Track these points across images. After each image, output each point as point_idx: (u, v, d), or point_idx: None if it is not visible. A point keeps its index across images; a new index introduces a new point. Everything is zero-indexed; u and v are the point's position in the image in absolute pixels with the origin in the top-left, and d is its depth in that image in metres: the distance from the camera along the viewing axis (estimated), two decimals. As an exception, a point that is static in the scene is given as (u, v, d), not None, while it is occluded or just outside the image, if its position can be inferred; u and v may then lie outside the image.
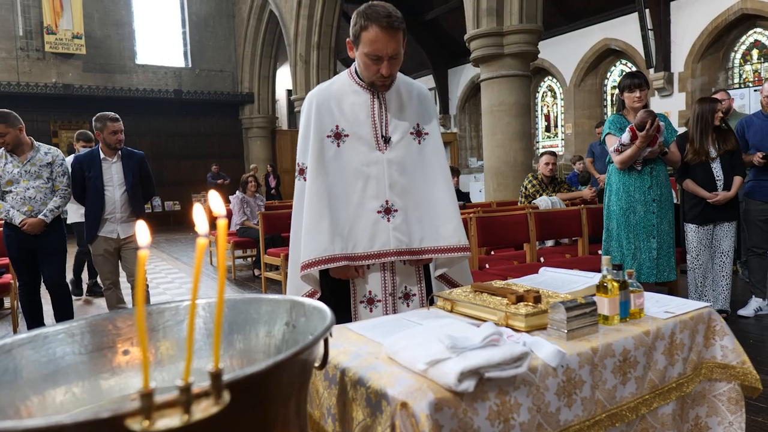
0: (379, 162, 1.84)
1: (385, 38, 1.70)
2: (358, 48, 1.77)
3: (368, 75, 1.79)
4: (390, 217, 1.84)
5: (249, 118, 15.83)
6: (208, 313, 1.17)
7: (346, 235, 1.81)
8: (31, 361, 0.98)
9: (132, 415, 0.58)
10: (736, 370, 1.58)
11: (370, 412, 1.13)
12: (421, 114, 1.93)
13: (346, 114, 1.85)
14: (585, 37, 11.12)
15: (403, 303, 1.92)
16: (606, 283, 1.49)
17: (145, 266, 2.44)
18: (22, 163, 3.68)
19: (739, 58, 9.45)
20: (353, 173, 1.83)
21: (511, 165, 6.96)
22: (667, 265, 3.49)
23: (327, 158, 1.82)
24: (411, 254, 1.87)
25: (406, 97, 1.91)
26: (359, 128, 1.84)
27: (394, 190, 1.84)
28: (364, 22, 1.71)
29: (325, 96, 1.86)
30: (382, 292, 1.89)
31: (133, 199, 3.91)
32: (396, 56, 1.75)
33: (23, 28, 13.06)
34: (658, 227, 3.47)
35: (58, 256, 3.85)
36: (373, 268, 1.87)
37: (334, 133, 1.84)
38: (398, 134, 1.87)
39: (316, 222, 1.78)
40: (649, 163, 3.47)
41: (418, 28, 13.42)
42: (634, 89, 3.45)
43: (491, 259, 4.56)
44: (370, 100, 1.86)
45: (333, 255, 1.78)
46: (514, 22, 6.70)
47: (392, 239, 1.83)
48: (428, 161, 1.91)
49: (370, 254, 1.83)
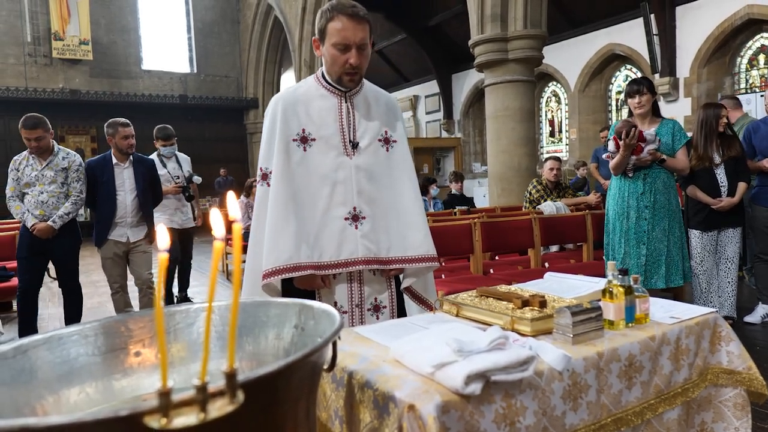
0: (347, 167, 1.78)
1: (352, 26, 1.69)
2: (324, 43, 1.74)
3: (336, 69, 1.74)
4: (358, 224, 1.77)
5: (253, 123, 15.90)
6: (218, 315, 1.18)
7: (312, 243, 1.74)
8: (47, 362, 1.01)
9: (150, 413, 0.60)
10: (742, 376, 1.58)
11: (378, 414, 1.14)
12: (389, 121, 1.89)
13: (313, 118, 1.79)
14: (589, 43, 11.13)
15: (373, 315, 1.84)
16: (611, 288, 1.50)
17: (152, 269, 2.47)
18: (41, 167, 3.74)
19: (746, 63, 9.43)
20: (320, 179, 1.77)
21: (516, 170, 6.96)
22: (654, 273, 3.46)
23: (293, 163, 1.76)
24: (379, 263, 1.80)
25: (374, 103, 1.87)
26: (327, 132, 1.79)
27: (362, 196, 1.78)
28: (330, 15, 1.70)
29: (291, 99, 1.81)
30: (348, 302, 1.81)
31: (143, 203, 3.98)
32: (364, 47, 1.73)
33: (31, 35, 13.20)
34: (649, 234, 3.46)
35: (72, 260, 3.90)
36: (340, 278, 1.80)
37: (301, 137, 1.78)
38: (366, 140, 1.82)
39: (281, 228, 1.70)
40: (643, 170, 3.48)
41: (422, 33, 13.45)
42: (634, 95, 3.50)
43: (496, 264, 4.56)
44: (338, 105, 1.81)
45: (299, 263, 1.69)
46: (519, 28, 6.72)
47: (360, 247, 1.76)
48: (396, 169, 1.86)
49: (337, 263, 1.75)
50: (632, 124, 3.40)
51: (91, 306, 5.62)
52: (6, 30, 13.07)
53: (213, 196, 14.73)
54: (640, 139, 3.36)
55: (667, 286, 3.52)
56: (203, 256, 9.07)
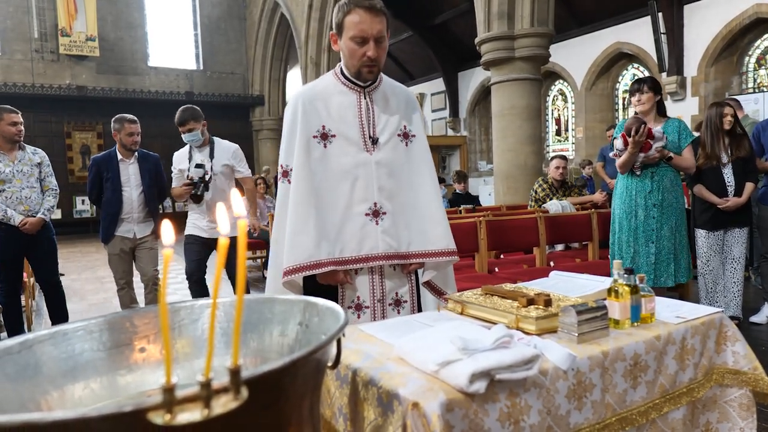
0: (368, 163, 1.79)
1: (369, 18, 1.70)
2: (342, 36, 1.75)
3: (354, 62, 1.75)
4: (378, 220, 1.79)
5: (259, 120, 15.93)
6: (222, 312, 1.19)
7: (333, 239, 1.76)
8: (51, 357, 1.01)
9: (154, 408, 0.60)
10: (748, 376, 1.57)
11: (382, 412, 1.14)
12: (408, 116, 1.90)
13: (332, 114, 1.80)
14: (596, 41, 11.07)
15: (393, 310, 1.86)
16: (617, 287, 1.49)
17: (158, 266, 2.48)
18: (13, 162, 3.72)
19: (754, 63, 9.36)
20: (340, 175, 1.78)
21: (522, 169, 6.94)
22: (665, 271, 3.47)
23: (313, 159, 1.77)
24: (399, 258, 1.82)
25: (393, 99, 1.88)
26: (346, 129, 1.80)
27: (383, 192, 1.80)
28: (347, 8, 1.71)
29: (310, 96, 1.81)
30: (370, 298, 1.83)
31: (149, 199, 3.98)
32: (381, 40, 1.74)
33: (38, 31, 13.25)
34: (658, 232, 3.46)
35: (52, 254, 3.92)
36: (362, 272, 1.82)
37: (321, 134, 1.79)
38: (386, 135, 1.83)
39: (302, 226, 1.72)
40: (651, 168, 3.48)
41: (428, 31, 13.43)
42: (635, 93, 3.53)
43: (501, 263, 4.55)
44: (357, 101, 1.82)
45: (319, 260, 1.72)
46: (526, 26, 6.69)
47: (381, 242, 1.78)
48: (415, 164, 1.87)
49: (358, 258, 1.78)
50: (642, 121, 3.38)
51: (97, 302, 5.65)
52: (13, 26, 13.13)
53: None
54: (649, 136, 3.36)
55: (676, 283, 3.51)
56: (208, 252, 9.08)
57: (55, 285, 3.96)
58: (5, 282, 3.80)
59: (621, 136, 3.44)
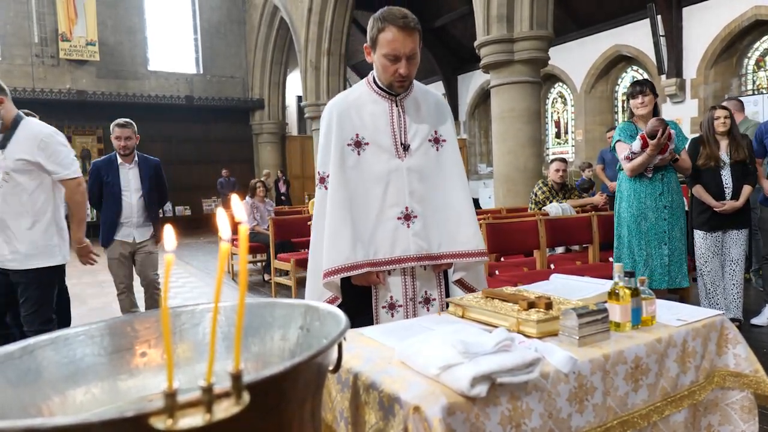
0: (399, 169, 1.87)
1: (402, 37, 1.76)
2: (376, 51, 1.82)
3: (386, 77, 1.83)
4: (410, 224, 1.87)
5: (259, 123, 15.94)
6: (223, 316, 1.18)
7: (367, 242, 1.85)
8: (53, 362, 1.01)
9: (156, 414, 0.60)
10: (749, 379, 1.57)
11: (383, 416, 1.14)
12: (438, 121, 1.97)
13: (366, 122, 1.88)
14: (596, 44, 11.10)
15: (423, 307, 1.95)
16: (618, 290, 1.49)
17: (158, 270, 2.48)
18: None
19: (753, 65, 9.38)
20: (373, 181, 1.86)
21: (522, 171, 6.94)
22: (678, 272, 3.51)
23: (348, 167, 1.86)
24: (430, 259, 1.90)
25: (424, 104, 1.95)
26: (379, 136, 1.88)
27: (414, 196, 1.88)
28: (381, 25, 1.77)
29: (344, 105, 1.90)
30: (403, 297, 1.92)
31: (149, 204, 3.96)
32: (413, 56, 1.81)
33: (38, 35, 13.28)
34: (670, 234, 3.48)
35: None
36: (394, 273, 1.90)
37: (354, 142, 1.88)
38: (417, 141, 1.91)
39: (338, 230, 1.82)
40: (660, 170, 3.49)
41: (427, 34, 13.45)
42: (637, 96, 3.53)
43: (501, 266, 4.55)
44: (389, 109, 1.90)
45: (355, 262, 1.81)
46: (525, 29, 6.71)
47: (412, 245, 1.87)
48: (446, 167, 1.95)
49: (391, 260, 1.87)
50: (665, 122, 3.36)
51: (97, 306, 5.65)
52: (13, 31, 13.16)
53: (216, 196, 14.80)
54: (669, 139, 3.36)
55: (680, 285, 3.54)
56: (209, 256, 9.10)
57: (61, 291, 3.95)
58: None
59: (640, 138, 3.39)
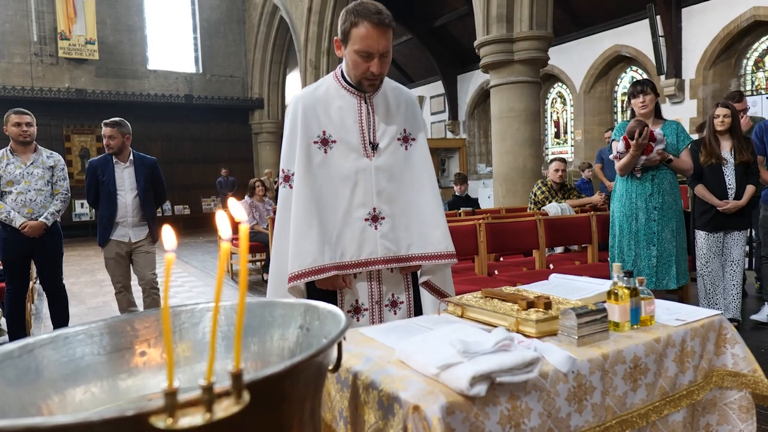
0: (367, 169, 1.80)
1: (376, 34, 1.68)
2: (347, 46, 1.73)
3: (357, 74, 1.75)
4: (377, 225, 1.81)
5: (258, 123, 15.94)
6: (223, 316, 1.19)
7: (334, 244, 1.78)
8: (52, 361, 1.01)
9: (156, 412, 0.60)
10: (747, 379, 1.57)
11: (382, 415, 1.14)
12: (409, 119, 1.90)
13: (333, 119, 1.80)
14: (595, 44, 11.10)
15: (390, 311, 1.89)
16: (617, 290, 1.50)
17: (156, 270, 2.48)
18: (25, 165, 3.71)
19: (752, 65, 9.39)
20: (340, 180, 1.79)
21: (521, 171, 6.95)
22: (666, 274, 3.48)
23: (314, 165, 1.79)
24: (398, 261, 1.84)
25: (394, 102, 1.88)
26: (347, 134, 1.80)
27: (382, 197, 1.81)
28: (355, 19, 1.69)
29: (311, 100, 1.82)
30: (368, 300, 1.86)
31: (144, 203, 3.94)
32: (386, 54, 1.73)
33: (37, 34, 13.27)
34: (659, 235, 3.47)
35: (57, 259, 3.90)
36: (360, 276, 1.85)
37: (321, 139, 1.80)
38: (386, 140, 1.84)
39: (305, 231, 1.74)
40: (651, 171, 3.48)
41: (427, 34, 13.45)
42: (638, 95, 3.52)
43: (500, 266, 4.55)
44: (357, 105, 1.82)
45: (323, 265, 1.74)
46: (524, 29, 6.71)
47: (380, 247, 1.81)
48: (415, 167, 1.88)
49: (357, 262, 1.80)
50: (644, 123, 3.38)
51: (96, 305, 5.65)
52: (12, 29, 13.15)
53: (216, 196, 14.79)
54: (651, 139, 3.36)
55: (678, 285, 3.52)
56: (208, 256, 9.10)
57: (58, 289, 3.95)
58: (10, 285, 3.78)
59: (623, 139, 3.43)
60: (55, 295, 3.94)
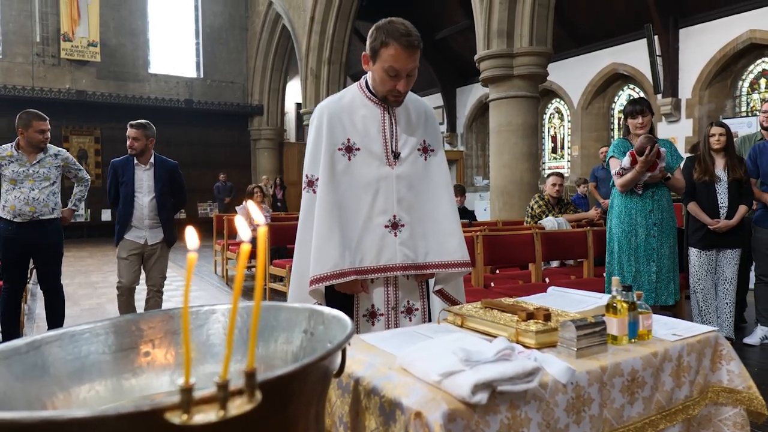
0: (389, 177, 1.86)
1: (405, 56, 1.75)
2: (375, 62, 1.79)
3: (383, 90, 1.82)
4: (397, 232, 1.86)
5: (258, 129, 15.98)
6: (227, 318, 1.20)
7: (354, 249, 1.83)
8: (58, 358, 1.02)
9: (172, 408, 0.61)
10: (742, 395, 1.59)
11: (384, 421, 1.15)
12: (429, 132, 1.97)
13: (357, 127, 1.87)
14: (593, 61, 11.22)
15: (406, 317, 1.93)
16: (615, 303, 1.51)
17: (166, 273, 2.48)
18: (30, 164, 3.71)
19: (747, 87, 9.52)
20: (363, 187, 1.85)
21: (518, 185, 6.99)
22: (665, 289, 3.50)
23: (338, 171, 1.84)
24: (416, 269, 1.89)
25: (415, 114, 1.95)
26: (370, 143, 1.86)
27: (402, 205, 1.87)
28: (385, 39, 1.74)
29: (336, 109, 1.88)
30: (384, 306, 1.90)
31: (161, 206, 3.91)
32: (412, 74, 1.81)
33: (40, 35, 13.31)
34: (659, 251, 3.49)
35: (57, 259, 3.89)
36: (377, 282, 1.89)
37: (345, 147, 1.86)
38: (407, 150, 1.90)
39: (327, 236, 1.79)
40: (651, 188, 3.51)
41: (428, 46, 13.54)
42: (637, 115, 3.53)
43: (496, 278, 4.57)
44: (380, 115, 1.89)
45: (343, 270, 1.78)
46: (524, 45, 6.79)
47: (398, 254, 1.85)
48: (433, 177, 1.94)
49: (376, 268, 1.85)
50: (654, 140, 3.38)
51: (89, 307, 5.62)
52: (16, 29, 13.18)
53: (212, 201, 14.77)
54: (658, 156, 3.38)
55: (675, 301, 3.55)
56: (203, 260, 9.06)
57: (56, 289, 3.93)
58: (7, 284, 3.75)
59: (629, 154, 3.42)
60: (51, 295, 3.91)
